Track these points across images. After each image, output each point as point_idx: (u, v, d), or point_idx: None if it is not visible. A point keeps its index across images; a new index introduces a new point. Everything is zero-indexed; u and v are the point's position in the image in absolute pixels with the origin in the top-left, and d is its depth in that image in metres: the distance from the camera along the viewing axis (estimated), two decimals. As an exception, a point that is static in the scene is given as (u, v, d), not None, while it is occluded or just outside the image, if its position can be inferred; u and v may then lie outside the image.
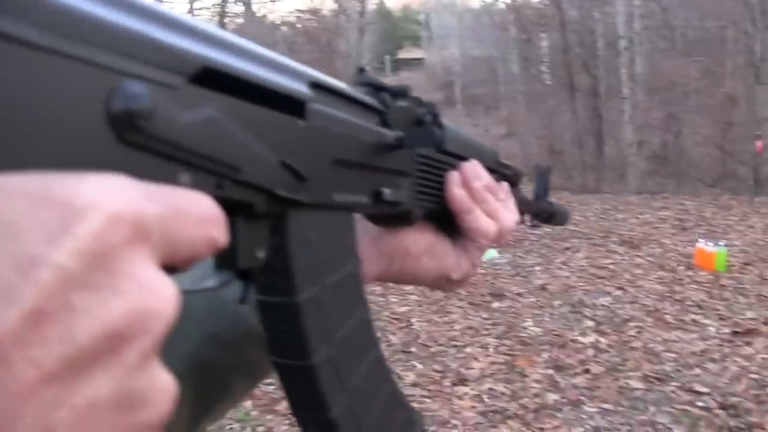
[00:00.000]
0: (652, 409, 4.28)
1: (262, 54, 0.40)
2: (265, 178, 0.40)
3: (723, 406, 4.24)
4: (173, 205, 0.28)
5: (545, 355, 5.36)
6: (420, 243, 0.70)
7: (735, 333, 5.71)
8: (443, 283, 0.76)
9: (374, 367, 0.53)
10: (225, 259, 0.41)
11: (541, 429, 4.07)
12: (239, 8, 26.03)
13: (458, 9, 45.35)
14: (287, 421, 4.03)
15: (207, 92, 0.34)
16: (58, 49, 0.26)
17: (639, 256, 8.98)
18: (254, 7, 26.92)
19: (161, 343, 0.27)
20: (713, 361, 5.08)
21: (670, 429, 3.99)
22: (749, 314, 6.27)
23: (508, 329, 6.06)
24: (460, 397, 4.56)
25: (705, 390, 4.51)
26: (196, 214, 0.30)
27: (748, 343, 5.43)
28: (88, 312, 0.24)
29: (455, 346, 5.65)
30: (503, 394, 4.62)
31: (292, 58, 0.43)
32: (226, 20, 24.58)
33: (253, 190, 0.39)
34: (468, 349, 5.54)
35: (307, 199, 0.44)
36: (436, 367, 5.14)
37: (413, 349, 5.55)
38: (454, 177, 0.68)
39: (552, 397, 4.53)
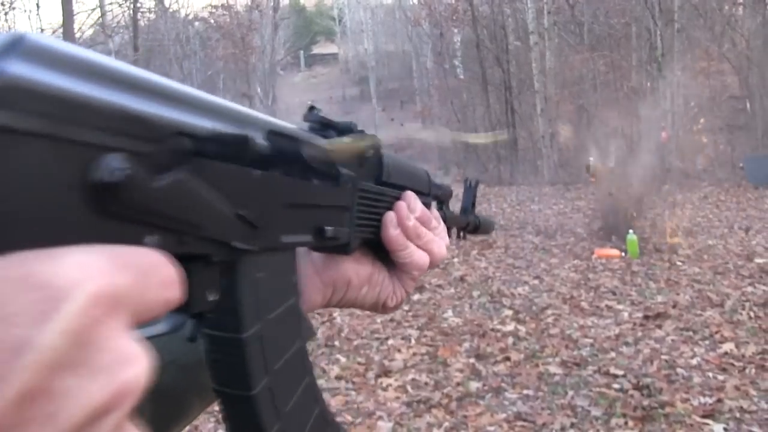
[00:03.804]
0: (570, 393, 4.39)
1: (222, 106, 0.41)
2: (222, 232, 0.41)
3: (637, 387, 4.38)
4: (140, 272, 0.29)
5: (466, 344, 5.44)
6: (361, 274, 0.73)
7: (646, 317, 5.92)
8: (379, 308, 0.79)
9: (307, 392, 0.56)
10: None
11: (465, 417, 4.13)
12: (151, 2, 25.44)
13: (371, 4, 45.41)
14: (213, 419, 3.98)
15: (176, 155, 0.35)
16: (34, 131, 0.26)
17: (554, 246, 9.20)
18: (166, 2, 26.36)
19: (135, 406, 0.28)
20: (627, 344, 5.26)
21: (588, 411, 4.11)
22: (659, 298, 6.52)
23: (429, 320, 6.13)
24: (384, 389, 4.59)
25: (620, 372, 4.66)
26: (159, 278, 0.30)
27: (658, 326, 5.64)
28: (73, 391, 0.24)
29: (378, 338, 5.69)
30: (427, 383, 4.66)
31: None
32: (139, 15, 24.00)
33: (211, 243, 0.41)
34: (390, 341, 5.58)
35: (259, 246, 0.46)
36: (360, 359, 5.16)
37: (336, 343, 5.56)
38: (390, 218, 0.71)
39: (474, 385, 4.61)
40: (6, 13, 23.06)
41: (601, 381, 4.55)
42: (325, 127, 0.60)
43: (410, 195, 0.74)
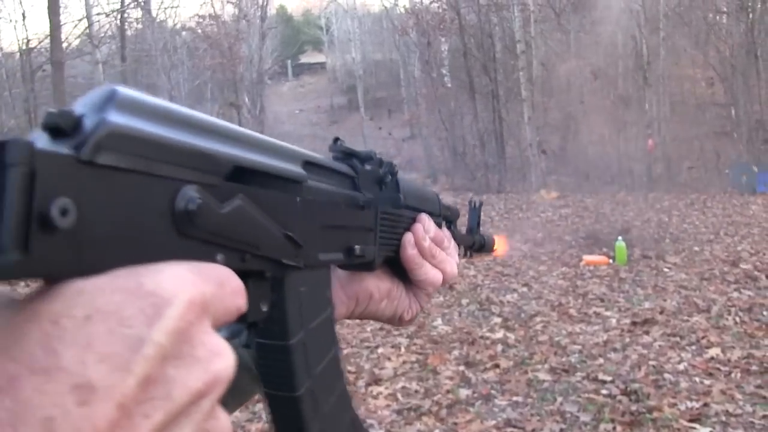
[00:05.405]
0: (559, 399, 4.43)
1: (268, 143, 0.48)
2: (275, 250, 0.48)
3: (625, 393, 4.42)
4: (219, 283, 0.36)
5: (456, 352, 5.47)
6: (381, 289, 0.79)
7: (634, 323, 5.97)
8: (396, 321, 0.85)
9: (342, 397, 0.62)
10: None
11: (455, 424, 4.16)
12: (138, 13, 25.40)
13: (359, 13, 45.47)
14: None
15: (236, 185, 0.42)
16: (133, 169, 0.33)
17: (542, 253, 9.25)
18: (154, 12, 26.33)
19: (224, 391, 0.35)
20: (615, 350, 5.31)
21: (577, 417, 4.14)
22: (647, 305, 6.58)
23: (418, 329, 6.15)
24: (375, 397, 4.61)
25: (608, 378, 4.70)
26: (231, 288, 0.37)
27: (646, 332, 5.69)
28: (179, 377, 0.31)
29: (367, 347, 5.71)
30: (417, 391, 4.69)
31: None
32: (126, 25, 23.97)
33: (266, 261, 0.47)
34: (380, 350, 5.61)
35: (302, 262, 0.53)
36: (350, 368, 5.18)
37: (326, 352, 5.55)
38: (408, 239, 0.77)
39: (464, 392, 4.64)
40: (-8, 24, 22.95)
41: (589, 387, 4.59)
42: (348, 156, 0.67)
43: (425, 217, 0.80)
